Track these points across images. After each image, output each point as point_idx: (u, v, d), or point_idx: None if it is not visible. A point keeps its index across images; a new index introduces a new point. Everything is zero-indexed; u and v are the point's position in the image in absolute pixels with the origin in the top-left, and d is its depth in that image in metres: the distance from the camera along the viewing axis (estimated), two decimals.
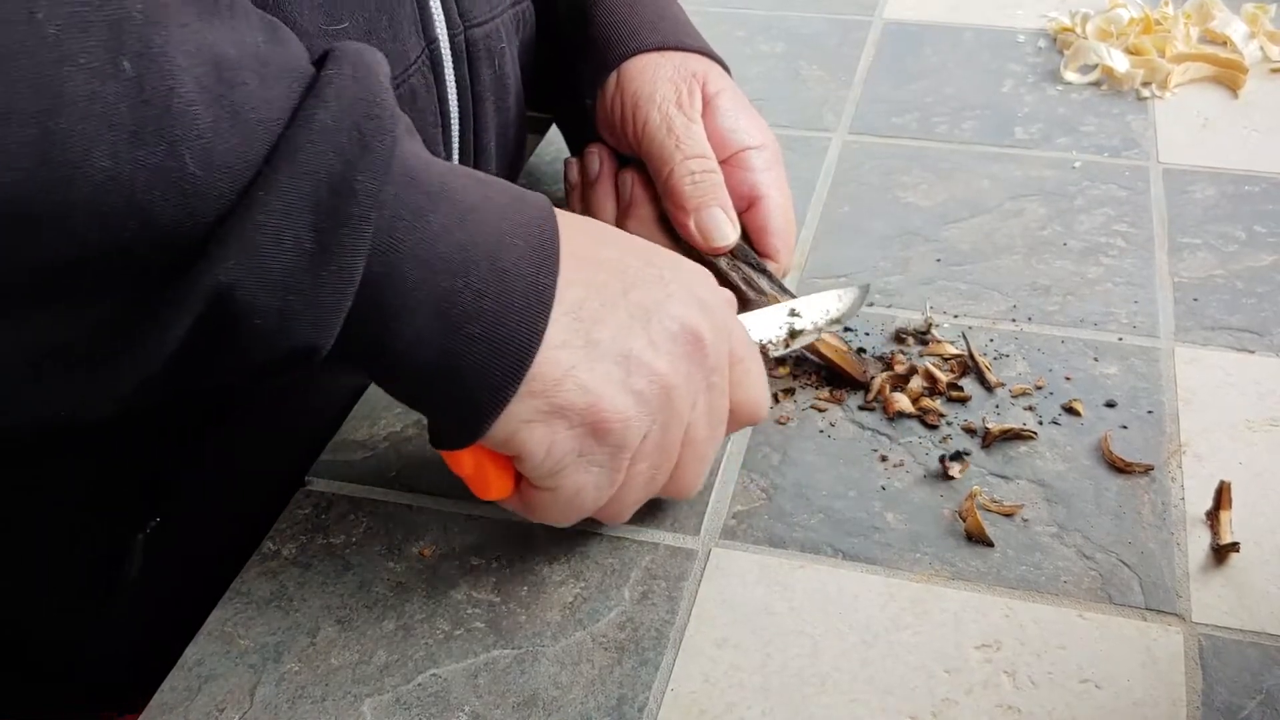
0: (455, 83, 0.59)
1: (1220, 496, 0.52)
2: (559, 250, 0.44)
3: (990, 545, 0.51)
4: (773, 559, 0.52)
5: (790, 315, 0.59)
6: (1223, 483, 0.52)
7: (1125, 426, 0.57)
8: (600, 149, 0.67)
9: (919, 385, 0.59)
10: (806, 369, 0.61)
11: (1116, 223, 0.71)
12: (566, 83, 0.68)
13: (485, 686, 0.47)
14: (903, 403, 0.58)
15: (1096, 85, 0.86)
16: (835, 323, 0.60)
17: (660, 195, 0.63)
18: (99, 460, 0.54)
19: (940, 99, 0.85)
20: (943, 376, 0.59)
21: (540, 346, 0.43)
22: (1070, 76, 0.86)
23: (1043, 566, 0.50)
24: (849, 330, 0.63)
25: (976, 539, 0.52)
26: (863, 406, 0.59)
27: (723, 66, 0.67)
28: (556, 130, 0.81)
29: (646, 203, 0.65)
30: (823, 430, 0.58)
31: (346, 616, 0.50)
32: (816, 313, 0.60)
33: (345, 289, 0.39)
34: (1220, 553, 0.50)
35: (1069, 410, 0.58)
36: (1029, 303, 0.65)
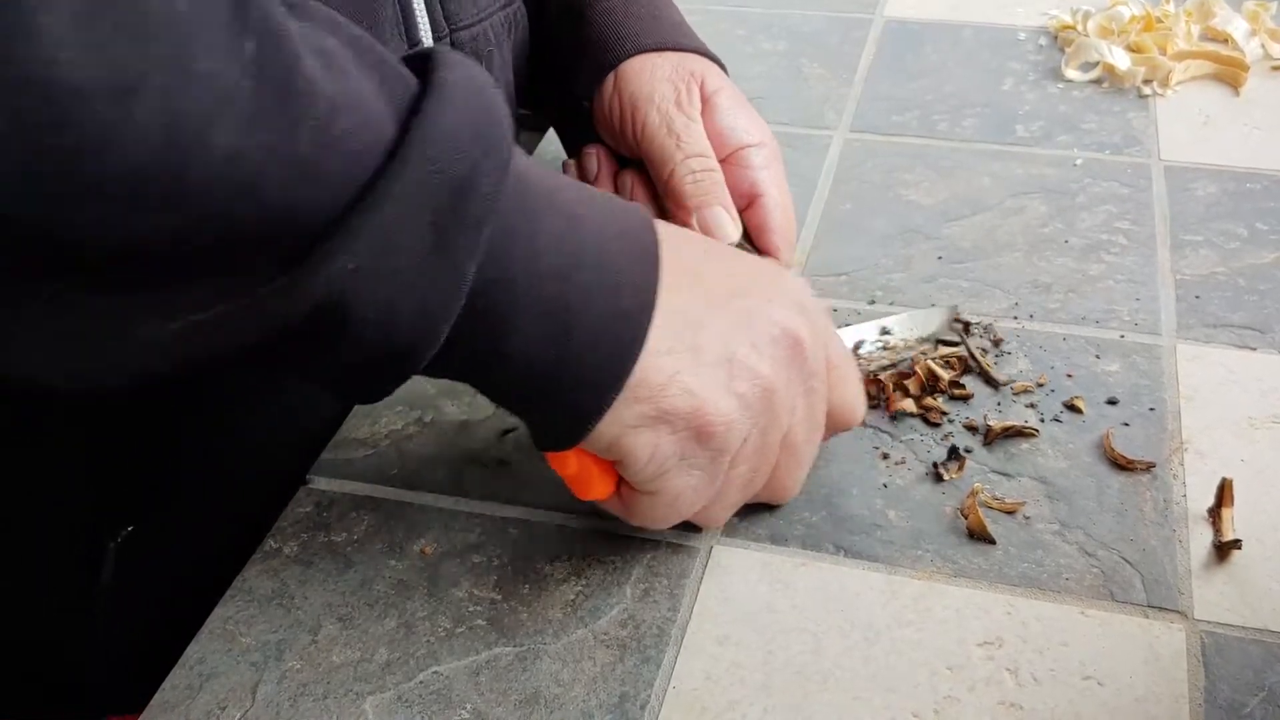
0: None
1: (1222, 494, 0.52)
2: (660, 258, 0.45)
3: (992, 542, 0.51)
4: (774, 556, 0.52)
5: (882, 334, 0.62)
6: (1225, 480, 0.52)
7: (1127, 424, 0.57)
8: (598, 150, 0.67)
9: (924, 374, 0.59)
10: None
11: (1118, 220, 0.71)
12: (562, 84, 0.68)
13: (487, 684, 0.47)
14: (905, 401, 0.58)
15: (1097, 83, 0.86)
16: (924, 340, 0.62)
17: (661, 195, 0.63)
18: (63, 469, 0.54)
19: (941, 97, 0.85)
20: (944, 374, 0.59)
21: (643, 352, 0.43)
22: (1071, 74, 0.86)
23: (1045, 564, 0.50)
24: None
25: (978, 536, 0.52)
26: None
27: (719, 66, 0.67)
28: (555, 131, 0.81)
29: (647, 202, 0.64)
30: None
31: (348, 614, 0.50)
32: (907, 329, 0.62)
33: (457, 292, 0.39)
34: (1222, 550, 0.50)
35: (1070, 408, 0.58)
36: (1030, 300, 0.65)
